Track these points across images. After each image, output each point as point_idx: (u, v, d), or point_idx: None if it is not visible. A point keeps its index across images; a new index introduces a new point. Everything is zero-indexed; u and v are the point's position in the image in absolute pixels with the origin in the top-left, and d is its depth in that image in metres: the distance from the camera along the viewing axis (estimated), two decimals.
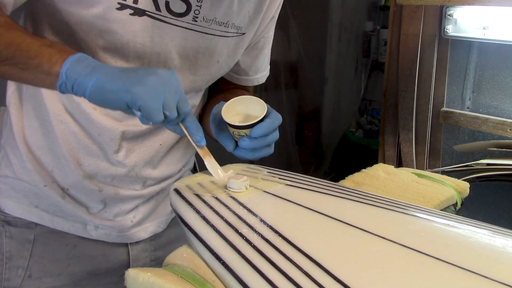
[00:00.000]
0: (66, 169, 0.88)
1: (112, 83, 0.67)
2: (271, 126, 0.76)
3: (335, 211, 0.66)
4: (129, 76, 0.67)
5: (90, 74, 0.67)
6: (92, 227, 0.93)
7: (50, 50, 0.69)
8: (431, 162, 1.60)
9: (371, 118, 3.12)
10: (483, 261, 0.57)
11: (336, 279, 0.52)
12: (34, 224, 0.92)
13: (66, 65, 0.68)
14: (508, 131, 1.39)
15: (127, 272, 0.56)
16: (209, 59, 0.89)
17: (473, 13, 1.42)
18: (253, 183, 0.72)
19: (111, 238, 0.95)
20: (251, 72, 1.03)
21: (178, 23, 0.81)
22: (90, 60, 0.69)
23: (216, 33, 0.86)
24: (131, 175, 0.91)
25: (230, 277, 0.55)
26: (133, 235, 0.97)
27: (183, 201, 0.67)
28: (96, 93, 0.67)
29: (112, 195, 0.91)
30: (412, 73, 1.57)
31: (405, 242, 0.59)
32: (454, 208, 0.88)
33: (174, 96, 0.69)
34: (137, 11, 0.77)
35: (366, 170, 0.96)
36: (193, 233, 0.62)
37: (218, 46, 0.88)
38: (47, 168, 0.89)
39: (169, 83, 0.69)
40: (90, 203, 0.91)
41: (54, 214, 0.91)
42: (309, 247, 0.57)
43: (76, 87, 0.68)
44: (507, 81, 1.45)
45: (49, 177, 0.89)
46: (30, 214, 0.91)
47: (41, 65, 0.69)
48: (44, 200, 0.90)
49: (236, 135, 0.78)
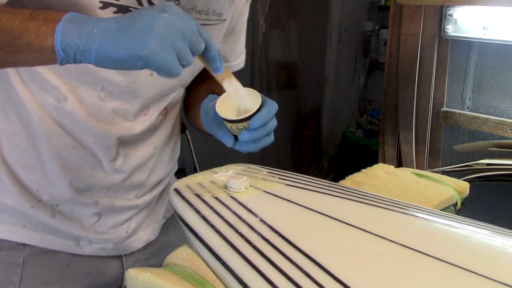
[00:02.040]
0: (56, 186, 0.83)
1: (115, 50, 0.61)
2: (268, 115, 0.74)
3: (335, 211, 0.66)
4: (130, 35, 0.60)
5: (88, 40, 0.61)
6: (86, 243, 0.88)
7: (34, 23, 0.61)
8: (431, 162, 1.60)
9: (371, 118, 3.12)
10: (483, 261, 0.57)
11: (336, 279, 0.52)
12: (23, 245, 0.84)
13: (57, 37, 0.61)
14: (508, 131, 1.39)
15: (127, 272, 0.56)
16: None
17: (473, 13, 1.42)
18: (253, 183, 0.72)
19: (106, 251, 0.91)
20: (232, 58, 1.00)
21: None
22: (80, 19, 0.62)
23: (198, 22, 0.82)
24: (126, 183, 0.88)
25: (230, 277, 0.55)
26: (128, 246, 0.93)
27: (183, 201, 0.67)
28: (102, 62, 0.62)
29: (107, 207, 0.88)
30: (412, 73, 1.57)
31: (405, 242, 0.59)
32: (454, 208, 0.88)
33: (184, 40, 0.63)
34: (120, 8, 0.73)
35: (366, 170, 0.96)
36: (193, 233, 0.62)
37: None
38: (31, 188, 0.82)
39: (174, 28, 0.62)
40: (84, 217, 0.87)
41: (44, 233, 0.85)
42: (309, 247, 0.57)
43: (79, 59, 0.62)
44: (507, 81, 1.45)
45: (35, 198, 0.83)
46: (18, 235, 0.84)
47: (30, 44, 0.61)
48: (32, 219, 0.84)
49: (235, 129, 0.76)
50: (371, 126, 3.08)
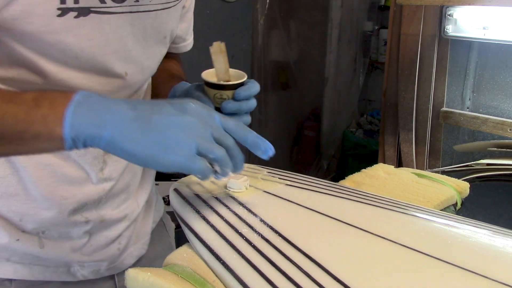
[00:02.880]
0: (44, 211, 0.76)
1: (129, 143, 0.56)
2: (253, 89, 0.74)
3: (335, 211, 0.66)
4: (145, 132, 0.56)
5: (99, 128, 0.56)
6: (78, 268, 0.82)
7: (40, 111, 0.57)
8: (431, 162, 1.60)
9: (371, 118, 3.12)
10: (483, 261, 0.57)
11: (336, 279, 0.52)
12: (8, 281, 0.77)
13: (66, 125, 0.56)
14: (508, 131, 1.39)
15: (127, 272, 0.56)
16: (157, 37, 0.81)
17: (473, 13, 1.42)
18: (253, 183, 0.72)
19: (99, 273, 0.85)
20: (188, 36, 0.97)
21: (123, 9, 0.71)
22: (92, 101, 0.58)
23: (158, 7, 0.77)
24: (114, 190, 0.83)
25: (230, 277, 0.55)
26: (121, 264, 0.88)
27: (183, 201, 0.67)
28: (112, 150, 0.57)
29: (98, 223, 0.82)
30: (412, 73, 1.57)
31: (405, 242, 0.59)
32: (454, 208, 0.88)
33: (209, 139, 0.59)
34: (81, 11, 0.66)
35: (366, 170, 0.96)
36: (193, 233, 0.62)
37: (163, 20, 0.80)
38: (13, 219, 0.75)
39: (194, 128, 0.58)
40: (74, 239, 0.81)
41: (32, 264, 0.78)
42: (309, 247, 0.57)
43: (90, 145, 0.57)
44: (507, 81, 1.45)
45: (19, 229, 0.76)
46: (2, 270, 0.77)
47: (38, 135, 0.57)
48: (17, 251, 0.76)
49: (218, 99, 0.74)
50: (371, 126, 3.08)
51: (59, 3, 0.63)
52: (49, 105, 0.57)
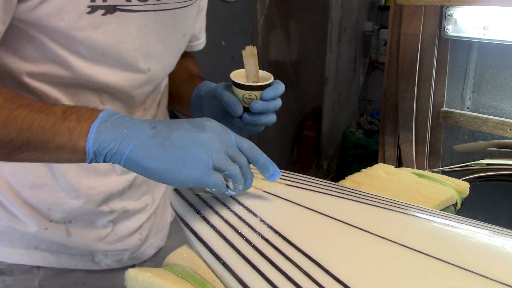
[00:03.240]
0: (70, 200, 0.80)
1: (148, 160, 0.58)
2: (279, 89, 0.79)
3: (335, 211, 0.66)
4: (165, 148, 0.58)
5: (121, 145, 0.58)
6: (102, 257, 0.87)
7: (67, 124, 0.60)
8: (431, 162, 1.60)
9: (371, 118, 3.12)
10: (483, 261, 0.57)
11: (336, 279, 0.52)
12: (37, 268, 0.82)
13: (90, 139, 0.59)
14: (508, 131, 1.39)
15: (127, 272, 0.56)
16: (177, 35, 0.85)
17: (473, 13, 1.42)
18: (253, 183, 0.72)
19: (122, 262, 0.90)
20: (201, 35, 1.02)
21: (147, 7, 0.76)
22: (116, 119, 0.60)
23: (177, 5, 0.82)
24: (136, 181, 0.88)
25: (230, 277, 0.55)
26: (142, 254, 0.94)
27: (183, 201, 0.67)
28: (132, 167, 0.60)
29: (121, 213, 0.87)
30: (412, 73, 1.57)
31: (405, 242, 0.59)
32: (454, 208, 0.88)
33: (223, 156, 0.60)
34: (108, 9, 0.70)
35: (366, 170, 0.96)
36: (193, 233, 0.62)
37: (181, 19, 0.84)
38: (42, 208, 0.79)
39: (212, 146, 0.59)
40: (98, 228, 0.85)
41: (59, 252, 0.83)
42: (309, 247, 0.57)
43: (110, 160, 0.60)
44: (507, 81, 1.45)
45: (47, 218, 0.80)
46: (31, 258, 0.81)
47: (62, 146, 0.60)
48: (45, 240, 0.81)
49: (246, 100, 0.78)
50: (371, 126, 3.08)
51: (89, 1, 0.68)
52: (76, 119, 0.60)
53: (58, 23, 0.68)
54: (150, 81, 0.83)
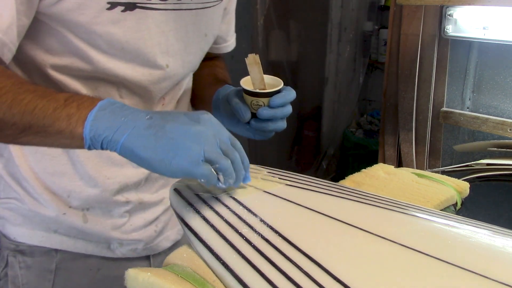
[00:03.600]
0: (89, 189, 0.83)
1: (142, 150, 0.59)
2: (288, 97, 0.78)
3: (335, 211, 0.66)
4: (158, 139, 0.59)
5: (116, 133, 0.60)
6: (117, 245, 0.90)
7: (67, 110, 0.62)
8: (431, 162, 1.60)
9: (371, 118, 3.12)
10: (483, 261, 0.57)
11: (336, 279, 0.52)
12: (55, 251, 0.86)
13: (87, 126, 0.61)
14: (508, 131, 1.39)
15: (127, 272, 0.56)
16: (198, 34, 0.87)
17: (473, 13, 1.42)
18: (253, 183, 0.72)
19: (137, 252, 0.93)
20: (229, 37, 1.04)
21: (167, 6, 0.79)
22: (114, 108, 0.62)
23: (199, 6, 0.84)
24: (154, 175, 0.90)
25: (230, 277, 0.55)
26: (157, 246, 0.95)
27: (183, 201, 0.67)
28: (127, 155, 0.61)
29: (137, 205, 0.90)
30: (412, 73, 1.57)
31: (405, 242, 0.59)
32: (454, 208, 0.88)
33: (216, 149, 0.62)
34: (128, 6, 0.74)
35: (366, 170, 0.96)
36: (193, 233, 0.62)
37: (203, 19, 0.86)
38: (62, 195, 0.83)
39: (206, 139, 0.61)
40: (115, 217, 0.88)
41: (77, 237, 0.86)
42: (309, 247, 0.57)
43: (106, 147, 0.62)
44: (507, 81, 1.45)
45: (66, 204, 0.84)
46: (50, 241, 0.85)
47: (61, 132, 0.62)
48: (63, 225, 0.85)
49: (255, 105, 0.79)
50: (371, 126, 3.08)
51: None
52: (76, 107, 0.62)
53: (78, 18, 0.71)
54: (168, 78, 0.85)
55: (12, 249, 0.85)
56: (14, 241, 0.85)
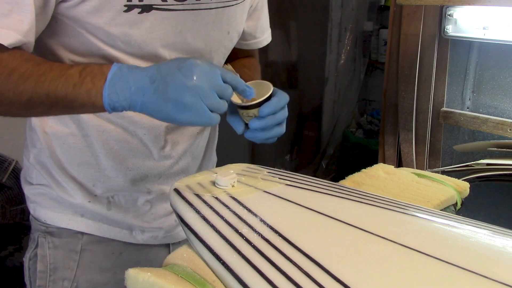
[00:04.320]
0: (112, 179, 0.89)
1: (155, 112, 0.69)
2: (277, 104, 0.77)
3: (335, 211, 0.66)
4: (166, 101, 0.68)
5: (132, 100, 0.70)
6: (139, 232, 0.94)
7: (84, 87, 0.70)
8: (431, 162, 1.60)
9: (371, 118, 3.12)
10: (483, 261, 0.57)
11: (336, 279, 0.52)
12: (81, 233, 0.91)
13: (105, 99, 0.70)
14: (508, 131, 1.39)
15: (127, 272, 0.56)
16: (220, 32, 0.88)
17: (473, 13, 1.42)
18: (253, 183, 0.72)
19: (157, 240, 0.96)
20: (258, 34, 1.04)
21: (184, 7, 0.80)
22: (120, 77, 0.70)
23: (219, 5, 0.85)
24: (175, 168, 0.93)
25: (230, 277, 0.55)
26: (177, 235, 0.98)
27: (183, 201, 0.67)
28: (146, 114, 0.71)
29: (159, 195, 0.93)
30: (412, 73, 1.57)
31: (405, 242, 0.59)
32: (454, 208, 0.88)
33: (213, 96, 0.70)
34: (145, 7, 0.76)
35: (366, 170, 0.96)
36: (193, 233, 0.62)
37: (224, 17, 0.87)
38: (87, 184, 0.89)
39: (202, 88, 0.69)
40: (137, 206, 0.92)
41: (101, 222, 0.91)
42: (309, 247, 0.57)
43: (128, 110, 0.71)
44: (507, 81, 1.45)
45: (91, 193, 0.89)
46: (77, 224, 0.90)
47: (84, 105, 0.71)
48: (89, 210, 0.90)
49: (246, 117, 0.79)
50: (371, 126, 3.08)
51: (126, 1, 0.75)
52: (91, 81, 0.71)
53: (97, 20, 0.75)
54: None
55: (43, 230, 0.91)
56: (44, 223, 0.91)
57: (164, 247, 0.99)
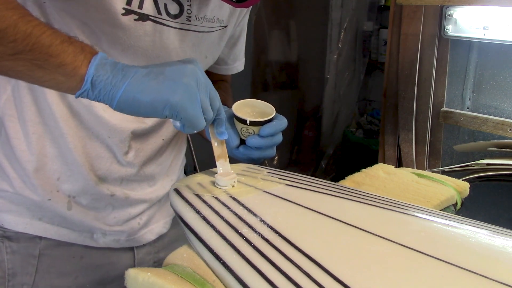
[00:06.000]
0: (76, 175, 0.86)
1: (144, 94, 0.62)
2: (279, 127, 0.79)
3: (335, 211, 0.66)
4: (159, 81, 0.62)
5: (118, 81, 0.62)
6: (100, 235, 0.91)
7: (73, 48, 0.61)
8: (431, 162, 1.60)
9: (371, 118, 3.12)
10: (483, 261, 0.57)
11: (336, 279, 0.52)
12: (39, 238, 0.88)
13: (91, 69, 0.61)
14: (508, 131, 1.39)
15: (127, 272, 0.56)
16: (199, 56, 0.89)
17: (473, 13, 1.42)
18: (253, 183, 0.72)
19: (120, 243, 0.94)
20: (230, 61, 1.05)
21: (175, 24, 0.81)
22: (113, 61, 0.64)
23: (206, 30, 0.86)
24: (139, 175, 0.92)
25: (230, 277, 0.55)
26: (141, 238, 0.96)
27: (183, 201, 0.67)
28: (126, 104, 0.62)
29: (122, 199, 0.91)
30: (412, 73, 1.57)
31: (405, 242, 0.59)
32: (454, 208, 0.88)
33: (206, 95, 0.67)
34: (142, 16, 0.76)
35: (366, 170, 0.96)
36: (193, 233, 0.62)
37: (205, 42, 0.89)
38: (52, 177, 0.85)
39: (199, 80, 0.65)
40: (99, 209, 0.90)
41: (60, 226, 0.88)
42: (309, 247, 0.57)
43: (102, 97, 0.62)
44: (507, 81, 1.45)
45: (54, 187, 0.85)
46: (34, 228, 0.87)
47: (63, 65, 0.61)
48: (48, 212, 0.87)
49: (244, 133, 0.80)
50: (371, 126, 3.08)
51: (125, 4, 0.74)
52: (80, 47, 0.63)
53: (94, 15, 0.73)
54: None
55: (1, 235, 0.87)
56: (1, 227, 0.87)
57: (128, 250, 0.96)
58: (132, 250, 0.97)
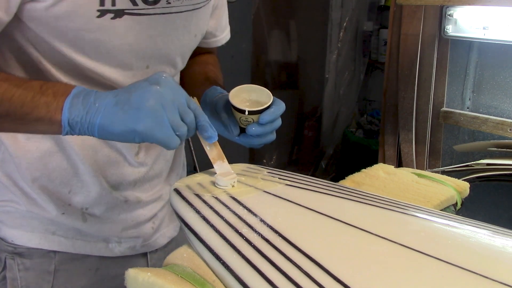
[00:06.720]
0: (89, 186, 0.84)
1: (115, 126, 0.65)
2: (278, 112, 0.78)
3: (335, 211, 0.66)
4: (125, 111, 0.64)
5: (92, 117, 0.65)
6: (115, 244, 0.91)
7: (45, 98, 0.65)
8: (431, 162, 1.60)
9: (371, 118, 3.12)
10: (483, 261, 0.57)
11: (336, 279, 0.52)
12: (53, 252, 0.86)
13: (64, 115, 0.65)
14: (508, 131, 1.39)
15: (127, 272, 0.56)
16: (188, 36, 0.87)
17: (473, 13, 1.42)
18: (253, 183, 0.72)
19: (135, 250, 0.93)
20: (218, 32, 1.03)
21: (155, 11, 0.78)
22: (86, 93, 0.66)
23: (189, 8, 0.83)
24: (150, 174, 0.92)
25: (230, 277, 0.55)
26: (154, 243, 0.96)
27: (183, 201, 0.67)
28: (104, 135, 0.66)
29: (135, 203, 0.90)
30: (412, 73, 1.57)
31: (405, 242, 0.59)
32: (454, 208, 0.88)
33: (175, 112, 0.67)
34: (117, 13, 0.74)
35: (366, 170, 0.96)
36: (193, 233, 0.62)
37: (193, 20, 0.86)
38: (62, 191, 0.84)
39: (164, 100, 0.66)
40: (113, 216, 0.89)
41: (75, 238, 0.87)
42: (309, 247, 0.57)
43: (84, 132, 0.66)
44: (507, 81, 1.45)
45: (66, 202, 0.84)
46: (49, 242, 0.85)
47: (40, 119, 0.66)
48: (62, 226, 0.85)
49: (243, 122, 0.78)
50: (371, 126, 3.08)
51: (98, 5, 0.71)
52: (52, 94, 0.66)
53: (68, 25, 0.71)
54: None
55: (10, 251, 0.85)
56: (11, 243, 0.85)
57: (142, 256, 0.96)
58: (146, 256, 0.96)
